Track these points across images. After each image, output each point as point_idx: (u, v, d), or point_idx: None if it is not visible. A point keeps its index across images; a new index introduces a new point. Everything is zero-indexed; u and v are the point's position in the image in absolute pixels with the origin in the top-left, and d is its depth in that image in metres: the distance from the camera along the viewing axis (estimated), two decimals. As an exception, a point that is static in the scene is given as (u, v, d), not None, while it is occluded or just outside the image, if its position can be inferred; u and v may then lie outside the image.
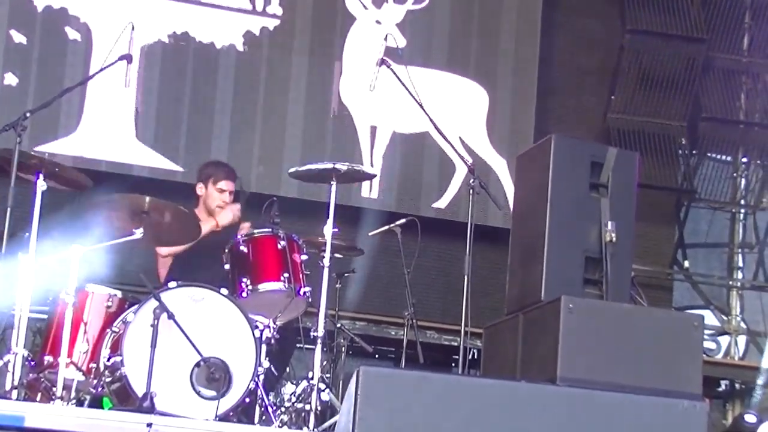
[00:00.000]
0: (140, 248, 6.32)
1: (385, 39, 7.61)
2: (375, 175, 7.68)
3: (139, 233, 5.89)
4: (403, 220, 7.11)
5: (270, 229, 6.13)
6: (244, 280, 5.97)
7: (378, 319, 8.06)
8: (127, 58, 6.56)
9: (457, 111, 8.53)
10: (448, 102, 8.47)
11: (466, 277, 6.02)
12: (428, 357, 7.18)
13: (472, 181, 6.24)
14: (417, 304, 7.10)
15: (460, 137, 8.45)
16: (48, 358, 5.68)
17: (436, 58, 8.56)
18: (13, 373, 5.45)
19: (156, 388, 5.31)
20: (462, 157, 6.73)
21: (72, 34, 8.00)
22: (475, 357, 6.74)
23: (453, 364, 7.91)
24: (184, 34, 8.20)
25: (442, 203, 8.45)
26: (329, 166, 5.95)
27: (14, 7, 7.87)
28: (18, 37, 7.88)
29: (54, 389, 5.49)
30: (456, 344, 6.75)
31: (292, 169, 6.25)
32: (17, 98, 7.67)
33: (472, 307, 5.99)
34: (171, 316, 5.45)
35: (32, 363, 5.67)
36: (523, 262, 5.79)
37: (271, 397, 5.71)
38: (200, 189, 6.65)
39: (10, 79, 7.80)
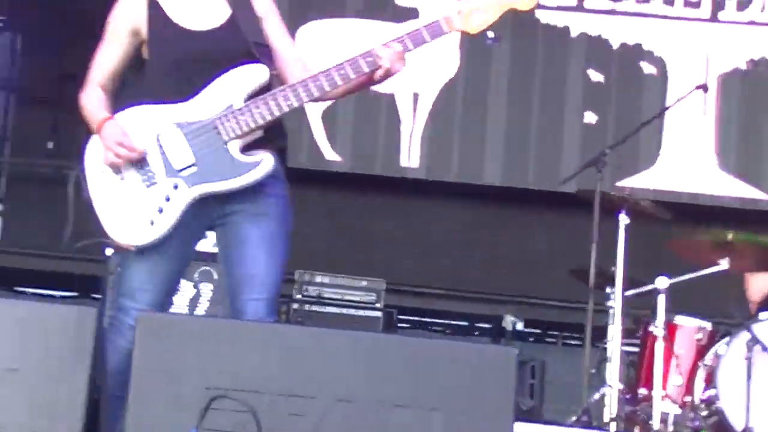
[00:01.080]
0: (729, 278, 6.20)
1: None
2: None
3: (724, 264, 5.80)
4: None
5: None
6: None
7: None
8: (703, 87, 6.51)
9: None
10: None
11: None
12: None
13: None
14: None
15: None
16: (642, 391, 5.70)
17: None
18: (610, 406, 5.58)
19: (754, 422, 5.18)
20: None
21: (647, 68, 8.05)
22: None
23: None
24: (762, 59, 7.99)
25: None
26: None
27: (591, 47, 8.06)
28: (595, 76, 8.06)
29: (651, 422, 5.50)
30: None
31: None
32: (597, 136, 7.83)
33: None
34: (765, 348, 5.30)
35: (628, 396, 5.74)
36: None
37: None
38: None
39: (590, 117, 7.99)
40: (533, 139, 7.98)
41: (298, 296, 6.91)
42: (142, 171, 3.64)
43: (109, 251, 5.98)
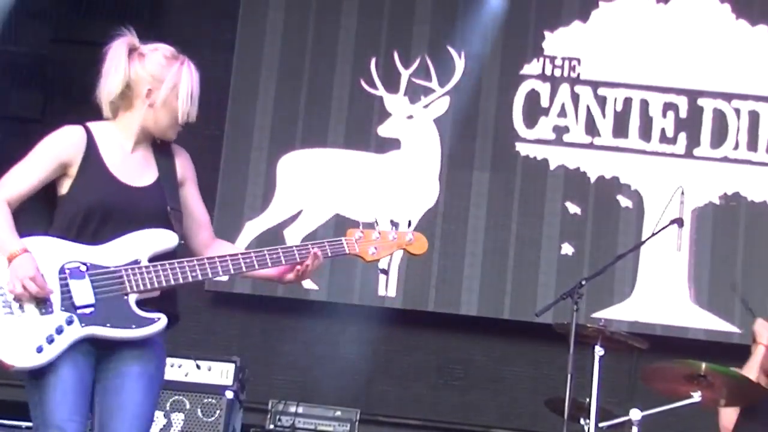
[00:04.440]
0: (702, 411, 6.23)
1: None
2: None
3: (697, 397, 5.83)
4: None
5: None
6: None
7: None
8: (678, 222, 6.59)
9: None
10: None
11: None
12: None
13: None
14: None
15: None
16: None
17: None
18: None
19: None
20: None
21: (624, 201, 8.18)
22: None
23: None
24: (735, 194, 8.13)
25: None
26: None
27: (569, 179, 8.20)
28: (573, 208, 8.18)
29: None
30: None
31: None
32: (574, 267, 7.92)
33: None
34: (735, 483, 5.31)
35: None
36: None
37: None
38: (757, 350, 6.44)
39: (567, 249, 8.09)
40: (510, 269, 8.05)
41: (271, 426, 6.90)
42: (39, 299, 3.72)
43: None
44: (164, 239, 3.83)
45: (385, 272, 4.14)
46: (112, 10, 8.26)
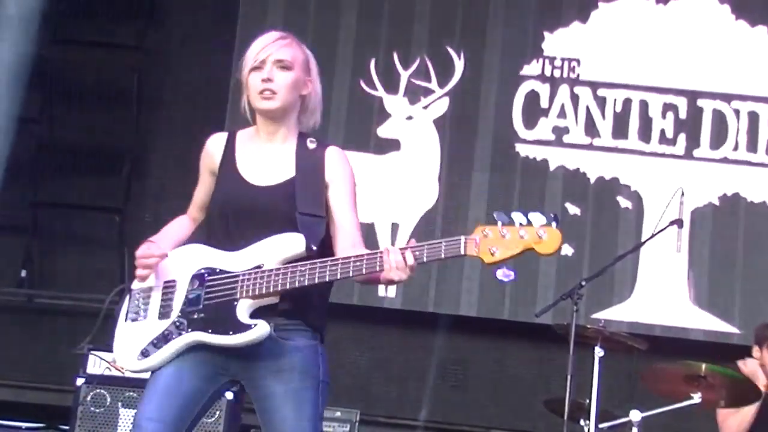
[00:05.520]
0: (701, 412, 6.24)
1: None
2: None
3: (696, 398, 5.84)
4: None
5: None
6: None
7: None
8: (678, 223, 6.59)
9: None
10: None
11: None
12: None
13: None
14: None
15: None
16: None
17: None
18: None
19: None
20: None
21: (623, 202, 8.18)
22: None
23: None
24: (734, 195, 8.13)
25: None
26: None
27: (568, 180, 8.20)
28: (572, 209, 8.18)
29: None
30: None
31: None
32: (573, 268, 7.91)
33: None
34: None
35: None
36: None
37: None
38: (755, 352, 6.45)
39: (566, 250, 8.09)
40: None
41: (270, 426, 6.89)
42: (164, 302, 3.73)
43: (79, 381, 5.99)
44: (290, 244, 3.60)
45: (507, 276, 3.40)
46: (111, 11, 8.26)
